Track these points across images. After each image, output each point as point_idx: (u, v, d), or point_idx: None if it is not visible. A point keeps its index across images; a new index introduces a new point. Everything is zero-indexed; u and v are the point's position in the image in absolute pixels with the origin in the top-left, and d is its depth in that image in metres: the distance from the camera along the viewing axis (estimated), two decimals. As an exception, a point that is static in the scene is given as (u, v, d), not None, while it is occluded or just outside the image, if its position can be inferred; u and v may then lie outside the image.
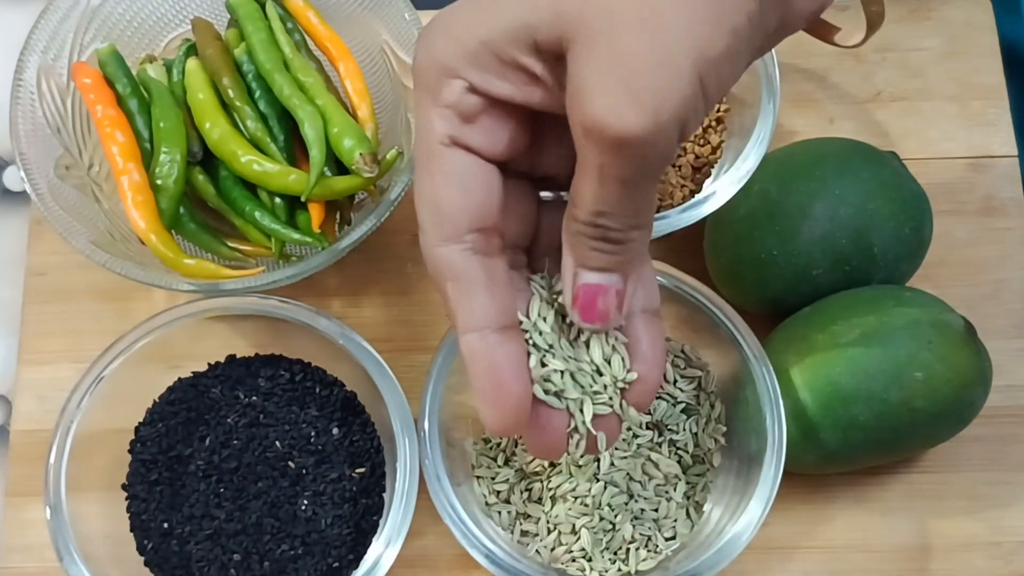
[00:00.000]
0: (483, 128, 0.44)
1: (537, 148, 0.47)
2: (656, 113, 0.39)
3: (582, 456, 0.65)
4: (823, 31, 0.70)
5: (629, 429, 0.66)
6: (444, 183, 0.45)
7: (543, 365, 0.48)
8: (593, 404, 0.48)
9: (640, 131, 0.39)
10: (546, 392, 0.48)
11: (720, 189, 0.67)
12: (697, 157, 0.73)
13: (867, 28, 0.68)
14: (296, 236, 0.69)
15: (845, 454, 0.65)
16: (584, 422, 0.48)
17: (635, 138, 0.39)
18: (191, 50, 0.74)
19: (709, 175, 0.73)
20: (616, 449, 0.66)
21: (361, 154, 0.67)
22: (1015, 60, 0.82)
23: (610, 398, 0.48)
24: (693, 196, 0.70)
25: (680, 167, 0.73)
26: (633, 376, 0.48)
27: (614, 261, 0.45)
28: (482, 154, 0.45)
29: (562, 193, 0.50)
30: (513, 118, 0.45)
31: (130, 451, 0.69)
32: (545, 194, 0.50)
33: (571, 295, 0.46)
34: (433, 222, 0.45)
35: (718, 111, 0.74)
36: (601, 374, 0.48)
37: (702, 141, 0.73)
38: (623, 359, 0.48)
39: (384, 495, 0.68)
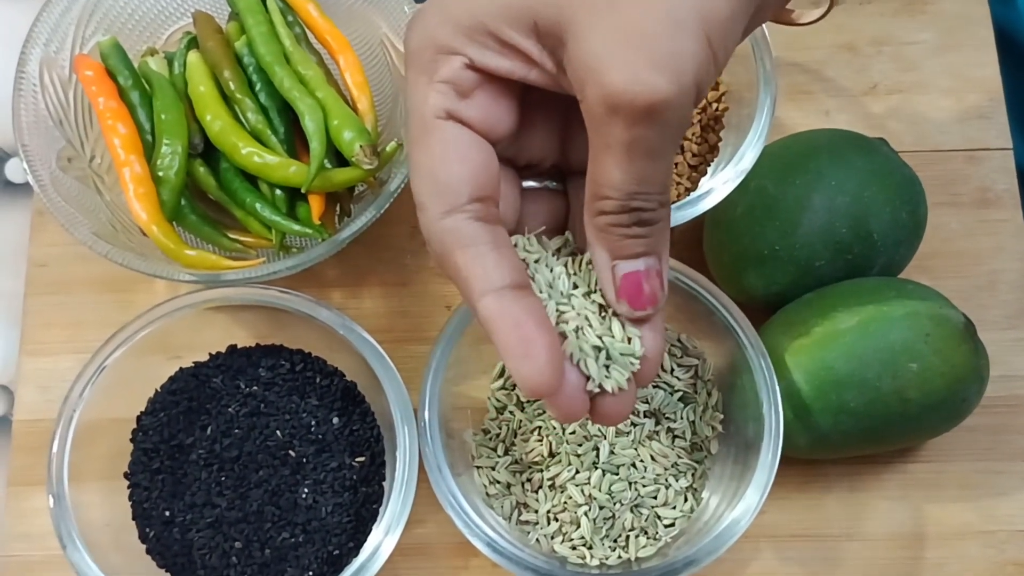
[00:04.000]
0: (478, 104, 0.45)
1: (525, 131, 0.48)
2: (679, 75, 0.39)
3: (597, 425, 0.65)
4: (783, 15, 0.70)
5: (632, 418, 0.67)
6: (442, 154, 0.45)
7: (562, 323, 0.47)
8: (611, 371, 0.48)
9: (668, 95, 0.39)
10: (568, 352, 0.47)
11: (717, 186, 0.68)
12: (694, 155, 0.73)
13: (829, 3, 0.68)
14: (296, 227, 0.69)
15: (835, 439, 0.65)
16: (608, 380, 0.48)
17: (664, 103, 0.39)
18: (192, 43, 0.75)
19: (705, 173, 0.73)
20: (615, 438, 0.66)
21: (361, 146, 0.67)
22: (1010, 49, 0.82)
23: (625, 368, 0.48)
24: (689, 194, 0.71)
25: (676, 165, 0.73)
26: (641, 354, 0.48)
27: (650, 243, 0.45)
28: (476, 130, 0.45)
29: (547, 183, 0.50)
30: (506, 97, 0.46)
31: (132, 440, 0.69)
32: (528, 183, 0.50)
33: (613, 289, 0.46)
34: (432, 195, 0.45)
35: (716, 111, 0.74)
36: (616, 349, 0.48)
37: (700, 140, 0.74)
38: (639, 338, 0.48)
39: (384, 484, 0.68)
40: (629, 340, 0.48)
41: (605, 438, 0.66)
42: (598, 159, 0.43)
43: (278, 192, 0.71)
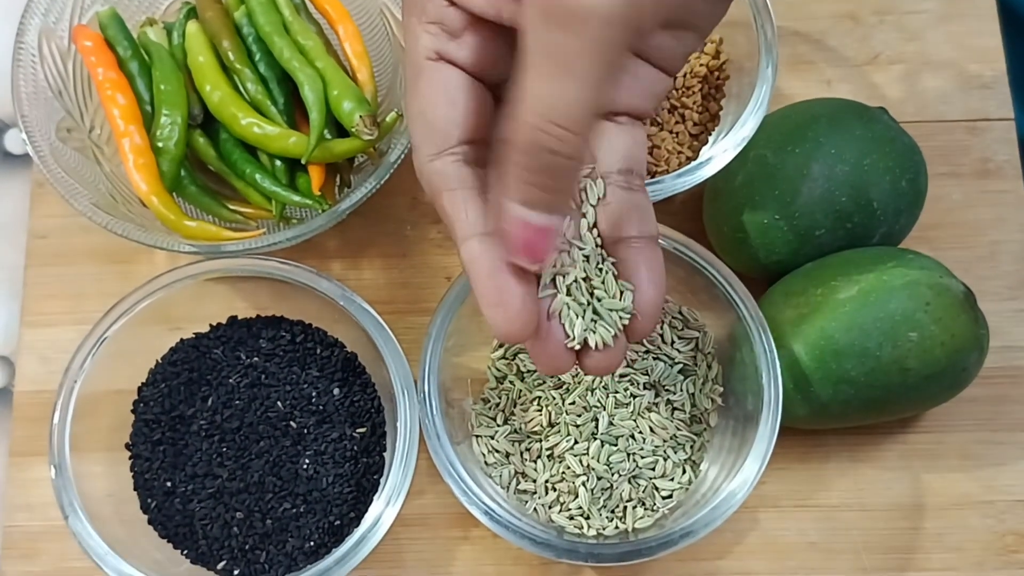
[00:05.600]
0: (469, 44, 0.45)
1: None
2: None
3: (578, 377, 0.66)
4: None
5: (627, 389, 0.67)
6: (432, 96, 0.45)
7: (558, 277, 0.48)
8: (597, 327, 0.48)
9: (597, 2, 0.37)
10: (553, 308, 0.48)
11: (717, 154, 0.68)
12: (695, 124, 0.73)
13: None
14: (296, 198, 0.69)
15: (835, 409, 0.66)
16: (593, 335, 0.48)
17: (591, 8, 0.37)
18: (191, 13, 0.75)
19: (706, 142, 0.73)
20: (614, 409, 0.66)
21: (361, 116, 0.67)
22: (1012, 20, 0.82)
23: (612, 325, 0.48)
24: (690, 162, 0.70)
25: (677, 134, 0.73)
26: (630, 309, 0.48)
27: (558, 201, 0.43)
28: (467, 70, 0.45)
29: None
30: (498, 36, 0.45)
31: (133, 411, 0.69)
32: None
33: (508, 231, 0.43)
34: (424, 136, 0.45)
35: (717, 79, 0.74)
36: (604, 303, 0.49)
37: (700, 109, 0.73)
38: (631, 292, 0.48)
39: (384, 454, 0.68)
40: (621, 295, 0.48)
41: (604, 409, 0.67)
42: (523, 72, 0.40)
43: (278, 163, 0.71)
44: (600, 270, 0.49)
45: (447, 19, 0.44)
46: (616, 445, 0.66)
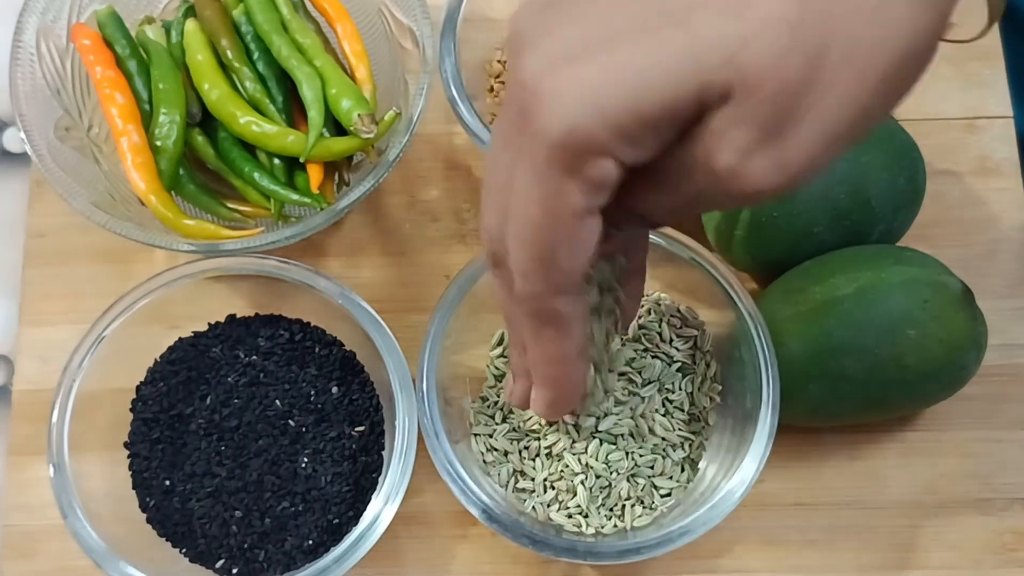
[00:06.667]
0: (611, 190, 0.41)
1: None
2: (793, 180, 0.39)
3: None
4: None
5: (626, 388, 0.67)
6: (570, 248, 0.42)
7: None
8: None
9: (772, 190, 0.39)
10: None
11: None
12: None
13: (988, 18, 0.65)
14: (295, 197, 0.69)
15: (833, 407, 0.66)
16: None
17: (763, 192, 0.39)
18: (190, 11, 0.75)
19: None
20: (613, 407, 0.66)
21: (359, 115, 0.67)
22: (1011, 17, 0.82)
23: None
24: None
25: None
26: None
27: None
28: (603, 207, 0.42)
29: None
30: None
31: (131, 410, 0.69)
32: None
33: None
34: (546, 277, 0.44)
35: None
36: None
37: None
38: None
39: (383, 453, 0.68)
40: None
41: (603, 407, 0.67)
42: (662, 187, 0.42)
43: (276, 161, 0.71)
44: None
45: (610, 179, 0.40)
46: (615, 444, 0.66)
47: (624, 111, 0.37)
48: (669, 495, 0.67)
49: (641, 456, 0.66)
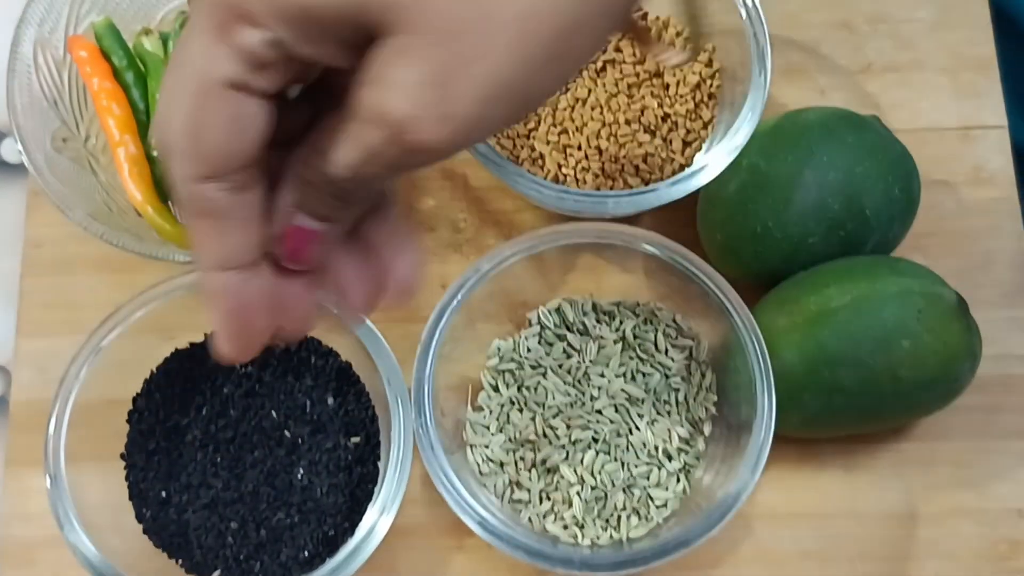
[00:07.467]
0: (270, 73, 0.40)
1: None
2: (458, 134, 0.38)
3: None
4: (646, 41, 0.70)
5: (622, 398, 0.67)
6: (215, 124, 0.40)
7: None
8: None
9: (439, 145, 0.38)
10: None
11: (711, 162, 0.68)
12: (688, 132, 0.73)
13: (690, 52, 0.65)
14: (291, 208, 0.69)
15: (827, 418, 0.66)
16: None
17: (430, 148, 0.38)
18: (187, 22, 0.75)
19: (700, 149, 0.73)
20: (609, 418, 0.67)
21: (355, 126, 0.67)
22: (1006, 28, 0.82)
23: None
24: (683, 170, 0.71)
25: (671, 142, 0.73)
26: None
27: (341, 215, 0.44)
28: (263, 94, 0.41)
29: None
30: (304, 67, 0.41)
31: (128, 421, 0.69)
32: None
33: (282, 232, 0.43)
34: (194, 157, 0.41)
35: (710, 87, 0.74)
36: None
37: (694, 116, 0.74)
38: None
39: (379, 464, 0.68)
40: None
41: (598, 418, 0.67)
42: (340, 132, 0.40)
43: (272, 172, 0.71)
44: None
45: (259, 54, 0.39)
46: (610, 454, 0.66)
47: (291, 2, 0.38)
48: (665, 506, 0.67)
49: (636, 467, 0.66)
